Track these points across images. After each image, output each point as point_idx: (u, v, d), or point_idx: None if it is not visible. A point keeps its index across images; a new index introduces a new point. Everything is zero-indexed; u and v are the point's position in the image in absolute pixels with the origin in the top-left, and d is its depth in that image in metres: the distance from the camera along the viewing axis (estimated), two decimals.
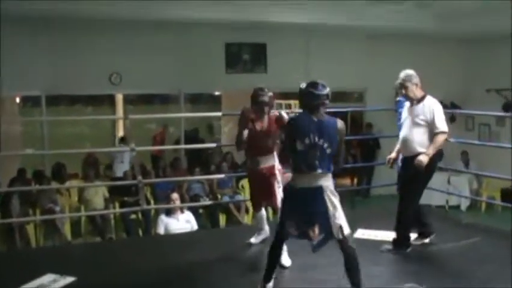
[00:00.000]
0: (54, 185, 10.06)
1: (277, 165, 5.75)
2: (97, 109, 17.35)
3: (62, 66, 10.88)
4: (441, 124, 5.87)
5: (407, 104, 6.11)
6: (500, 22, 10.56)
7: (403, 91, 5.97)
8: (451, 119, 13.75)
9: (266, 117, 5.75)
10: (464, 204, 12.59)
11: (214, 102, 16.68)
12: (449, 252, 6.02)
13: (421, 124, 5.87)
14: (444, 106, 13.31)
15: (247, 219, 10.62)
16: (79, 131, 15.84)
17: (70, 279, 5.30)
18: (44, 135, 11.26)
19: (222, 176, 9.97)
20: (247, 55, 12.36)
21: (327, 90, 4.48)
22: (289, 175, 4.68)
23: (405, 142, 5.98)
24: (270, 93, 5.70)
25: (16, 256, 7.14)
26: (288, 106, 16.88)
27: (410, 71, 6.02)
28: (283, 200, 4.67)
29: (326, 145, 4.40)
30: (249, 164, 5.99)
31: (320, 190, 4.42)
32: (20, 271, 5.54)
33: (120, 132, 14.02)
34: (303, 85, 4.57)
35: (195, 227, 8.26)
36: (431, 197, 11.20)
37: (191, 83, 11.96)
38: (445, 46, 13.25)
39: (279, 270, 4.99)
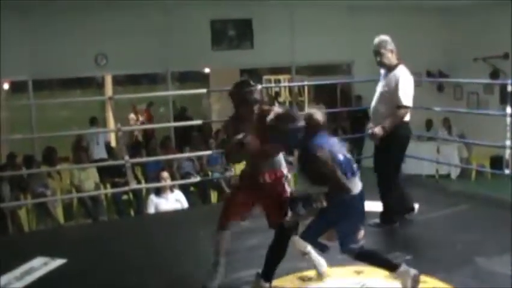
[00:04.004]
0: (44, 169, 10.06)
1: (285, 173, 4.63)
2: (86, 92, 17.32)
3: (47, 50, 10.82)
4: (404, 98, 5.56)
5: (382, 71, 5.83)
6: None
7: (378, 58, 5.69)
8: (439, 88, 13.82)
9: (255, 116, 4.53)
10: (454, 172, 12.65)
11: (202, 80, 16.69)
12: (436, 221, 6.08)
13: (386, 95, 5.64)
14: (432, 75, 13.47)
15: None
16: (68, 115, 15.81)
17: (60, 262, 5.34)
18: (32, 120, 11.24)
19: (210, 152, 10.01)
20: (232, 31, 12.29)
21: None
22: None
23: (373, 113, 5.81)
24: (259, 87, 4.59)
25: (7, 241, 7.17)
26: (277, 81, 16.93)
27: (384, 37, 5.73)
28: (331, 212, 4.17)
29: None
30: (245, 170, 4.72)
31: (363, 192, 4.26)
32: (11, 256, 5.55)
33: (109, 114, 14.00)
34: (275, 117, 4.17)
35: (185, 205, 8.27)
36: (421, 166, 11.35)
37: (178, 61, 11.93)
38: (430, 15, 13.20)
39: None
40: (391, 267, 4.22)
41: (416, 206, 6.51)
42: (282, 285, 4.55)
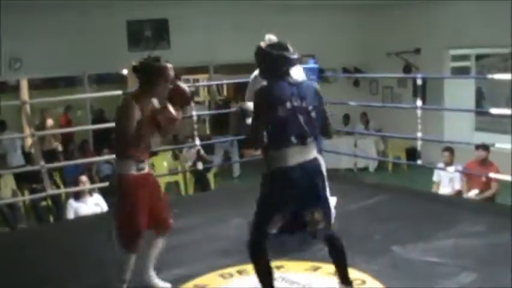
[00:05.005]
0: None
1: None
2: (2, 96, 16.78)
3: None
4: None
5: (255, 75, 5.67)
6: None
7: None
8: (355, 84, 14.11)
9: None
10: (372, 165, 12.95)
11: (120, 81, 16.47)
12: (354, 213, 6.21)
13: None
14: (348, 71, 13.76)
15: None
16: None
17: None
18: None
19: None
20: (149, 32, 12.18)
21: (297, 54, 3.84)
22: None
23: None
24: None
25: None
26: (196, 80, 16.90)
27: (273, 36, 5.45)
28: (267, 190, 3.79)
29: (310, 108, 3.73)
30: (128, 169, 4.29)
31: (316, 163, 3.80)
32: None
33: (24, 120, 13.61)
34: (264, 45, 3.97)
35: (105, 209, 8.15)
36: (339, 160, 11.57)
37: (95, 63, 11.72)
38: (343, 13, 13.40)
39: None
40: (347, 278, 3.99)
41: (334, 199, 6.64)
42: (203, 284, 4.55)
